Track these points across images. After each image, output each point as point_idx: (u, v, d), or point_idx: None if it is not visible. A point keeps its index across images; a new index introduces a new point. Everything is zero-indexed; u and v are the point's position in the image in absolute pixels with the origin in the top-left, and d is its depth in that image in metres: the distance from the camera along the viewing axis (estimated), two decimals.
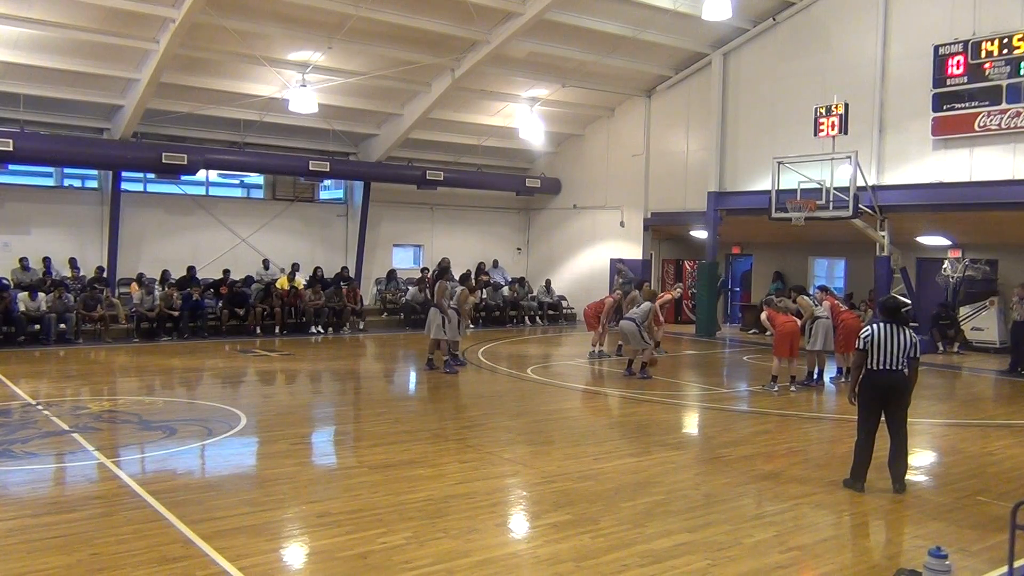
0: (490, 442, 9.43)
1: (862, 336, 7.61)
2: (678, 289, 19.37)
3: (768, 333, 20.91)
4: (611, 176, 24.47)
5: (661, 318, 16.69)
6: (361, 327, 21.29)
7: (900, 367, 7.50)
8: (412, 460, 8.42)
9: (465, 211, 25.86)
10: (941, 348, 18.66)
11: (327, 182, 23.62)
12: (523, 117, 22.34)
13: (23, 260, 18.54)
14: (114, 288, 19.21)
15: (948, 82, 16.73)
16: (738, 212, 20.91)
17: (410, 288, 22.78)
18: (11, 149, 17.05)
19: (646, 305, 14.49)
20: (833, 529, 6.81)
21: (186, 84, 18.57)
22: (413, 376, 15.55)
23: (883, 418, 7.66)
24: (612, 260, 24.08)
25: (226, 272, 20.33)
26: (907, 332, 7.61)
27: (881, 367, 7.49)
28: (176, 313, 18.54)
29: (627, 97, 23.65)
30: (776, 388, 13.09)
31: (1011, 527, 4.87)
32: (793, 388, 13.16)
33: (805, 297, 14.21)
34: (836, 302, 14.28)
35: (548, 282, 25.06)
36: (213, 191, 22.22)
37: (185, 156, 19.14)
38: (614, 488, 7.62)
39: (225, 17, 16.34)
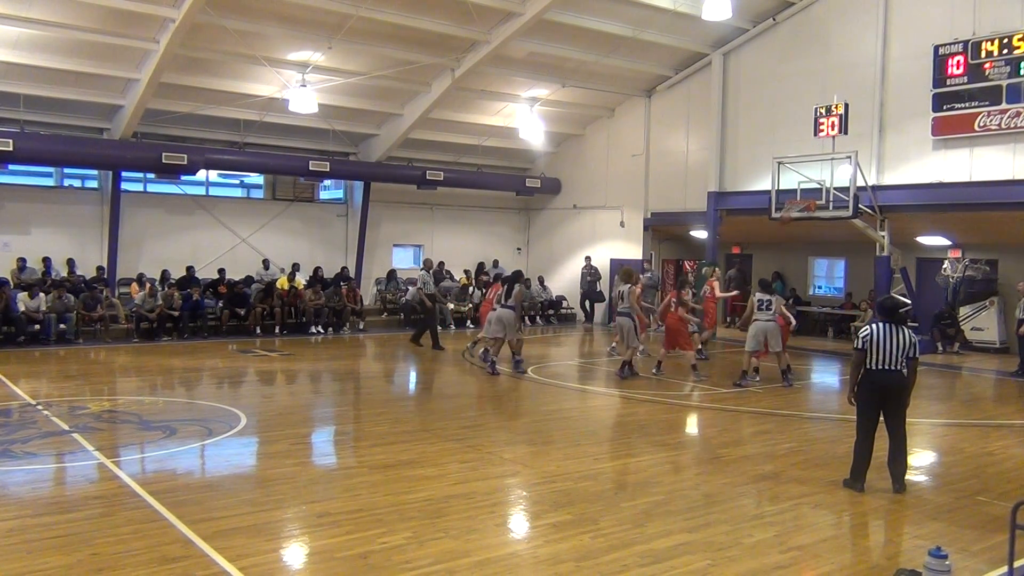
0: (490, 442, 9.43)
1: (861, 336, 7.60)
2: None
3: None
4: (611, 176, 24.46)
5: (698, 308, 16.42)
6: (361, 327, 21.28)
7: (899, 367, 7.50)
8: (412, 460, 8.42)
9: (465, 211, 25.86)
10: (941, 348, 18.66)
11: (327, 182, 23.62)
12: (523, 117, 22.33)
13: (20, 261, 18.54)
14: (114, 288, 19.21)
15: (948, 82, 16.72)
16: (738, 212, 20.90)
17: (410, 288, 22.75)
18: (11, 149, 17.03)
19: (625, 288, 13.98)
20: (833, 529, 6.81)
21: (186, 84, 18.56)
22: (413, 376, 15.56)
23: (882, 418, 7.67)
24: (612, 260, 24.08)
25: (221, 272, 20.33)
26: (906, 332, 7.61)
27: (880, 367, 7.48)
28: (176, 313, 18.53)
29: (627, 97, 23.64)
30: (757, 380, 13.83)
31: (1011, 527, 4.87)
32: (758, 381, 13.74)
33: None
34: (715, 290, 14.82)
35: (541, 279, 25.04)
36: (213, 191, 22.22)
37: (185, 156, 19.13)
38: (614, 488, 7.63)
39: (225, 17, 16.34)
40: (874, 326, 7.61)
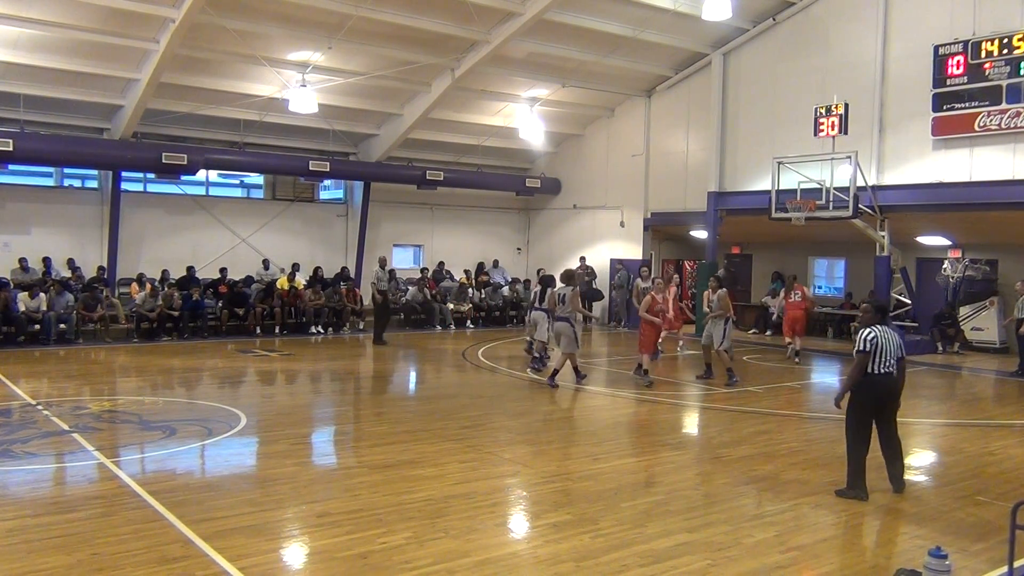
0: (490, 442, 9.43)
1: (867, 338, 7.38)
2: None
3: (768, 332, 21.17)
4: (611, 176, 24.46)
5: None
6: (361, 327, 21.26)
7: (893, 369, 7.46)
8: (412, 460, 8.42)
9: (465, 211, 25.86)
10: (941, 348, 18.65)
11: (327, 182, 23.62)
12: (523, 117, 22.33)
13: (22, 260, 18.54)
14: (114, 288, 19.21)
15: (948, 82, 16.73)
16: (738, 212, 20.90)
17: (410, 288, 22.77)
18: (11, 149, 17.03)
19: (567, 291, 13.34)
20: (833, 529, 6.80)
21: (186, 84, 18.56)
22: (413, 376, 15.57)
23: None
24: (612, 260, 24.07)
25: (223, 271, 20.33)
26: (895, 333, 7.59)
27: (881, 370, 7.38)
28: (176, 313, 18.53)
29: (627, 97, 23.65)
30: (797, 359, 16.41)
31: (1011, 527, 4.87)
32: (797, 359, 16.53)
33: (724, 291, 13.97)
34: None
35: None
36: (213, 191, 22.22)
37: (185, 156, 19.13)
38: (614, 488, 7.62)
39: (225, 17, 16.34)
40: (876, 328, 7.51)
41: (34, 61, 16.86)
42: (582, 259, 24.08)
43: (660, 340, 15.58)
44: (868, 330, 7.48)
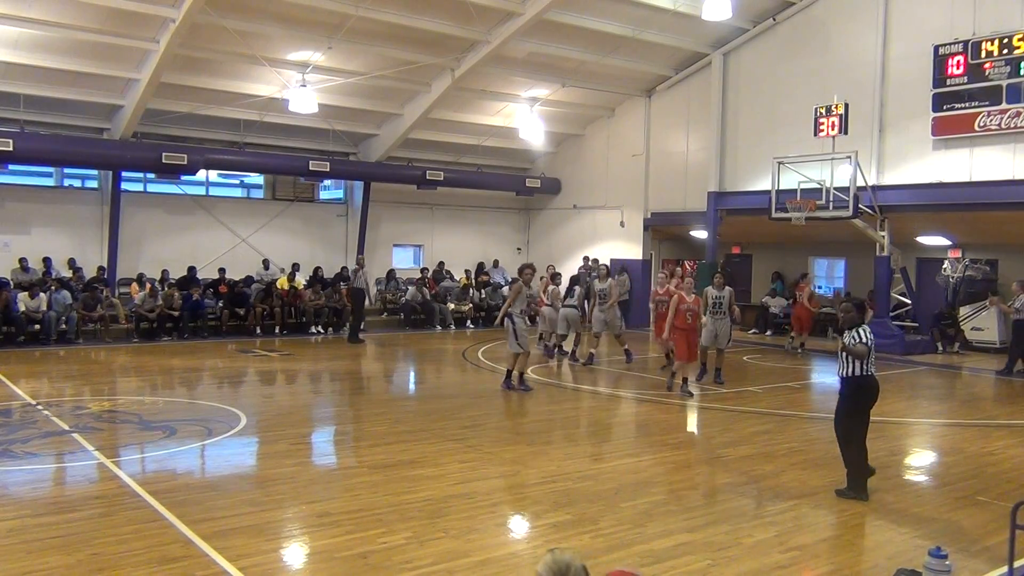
0: (490, 442, 9.43)
1: (870, 336, 7.39)
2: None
3: (768, 332, 21.21)
4: (611, 176, 24.46)
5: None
6: (361, 327, 21.22)
7: None
8: (412, 460, 8.42)
9: (465, 211, 25.87)
10: (941, 348, 18.65)
11: (327, 182, 23.63)
12: (523, 117, 22.32)
13: (22, 260, 18.55)
14: (114, 288, 19.20)
15: (948, 82, 16.73)
16: (738, 212, 20.90)
17: (410, 288, 22.78)
18: (11, 149, 17.03)
19: (513, 290, 12.80)
20: (833, 529, 6.81)
21: (186, 84, 18.57)
22: (412, 376, 15.56)
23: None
24: (612, 260, 24.04)
25: (222, 271, 20.33)
26: None
27: (872, 371, 7.43)
28: (176, 313, 18.53)
29: (627, 97, 23.64)
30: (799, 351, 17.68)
31: (1011, 527, 4.88)
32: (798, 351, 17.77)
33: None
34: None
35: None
36: (213, 191, 22.22)
37: (185, 156, 19.13)
38: (614, 488, 7.62)
39: (225, 17, 16.34)
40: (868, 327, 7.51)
41: (34, 61, 16.86)
42: (585, 258, 24.07)
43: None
44: (865, 330, 7.43)
